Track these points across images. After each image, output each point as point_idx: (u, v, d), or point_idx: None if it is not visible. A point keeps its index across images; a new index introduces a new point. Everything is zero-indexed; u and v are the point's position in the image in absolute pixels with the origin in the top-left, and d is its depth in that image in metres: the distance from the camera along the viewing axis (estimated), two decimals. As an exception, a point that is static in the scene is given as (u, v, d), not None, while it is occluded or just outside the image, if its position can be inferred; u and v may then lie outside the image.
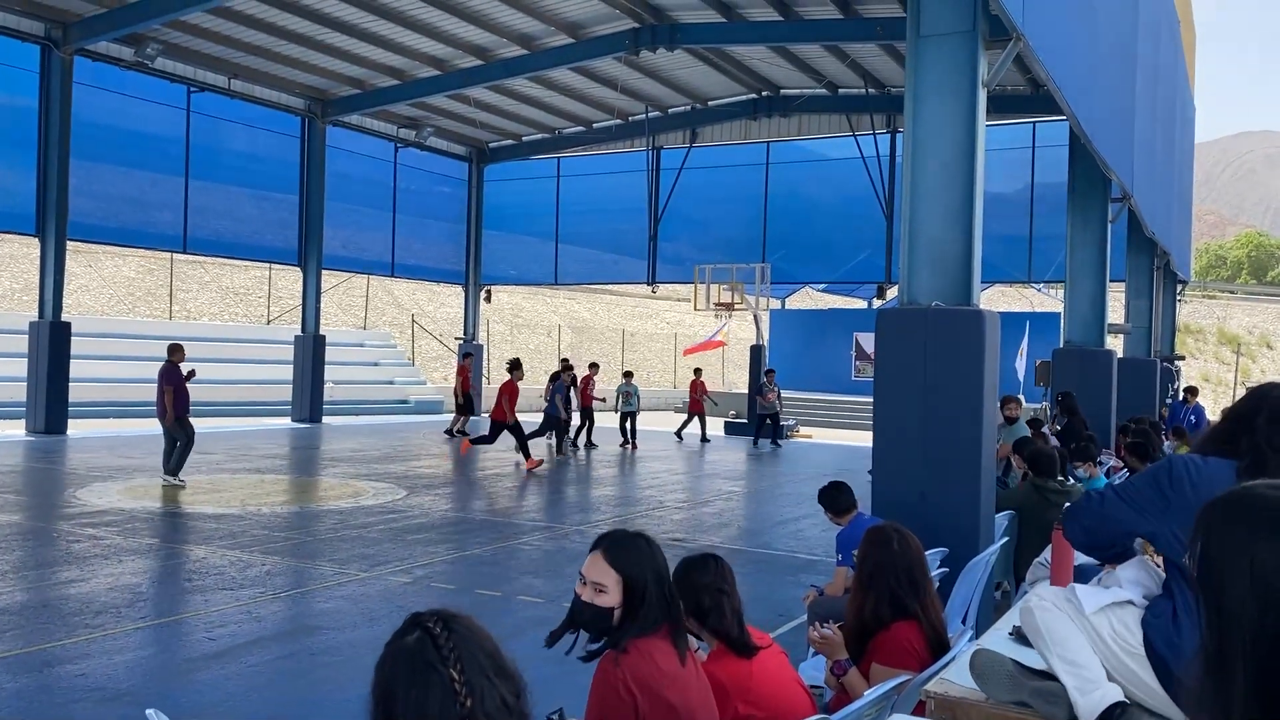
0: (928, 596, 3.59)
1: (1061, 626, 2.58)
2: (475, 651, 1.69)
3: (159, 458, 12.57)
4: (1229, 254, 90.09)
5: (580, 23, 19.91)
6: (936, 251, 6.34)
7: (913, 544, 3.64)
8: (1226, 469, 2.55)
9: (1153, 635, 2.50)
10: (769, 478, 16.73)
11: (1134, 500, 2.64)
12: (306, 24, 19.20)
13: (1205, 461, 2.59)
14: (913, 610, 3.52)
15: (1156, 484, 2.61)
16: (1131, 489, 2.68)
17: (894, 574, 3.53)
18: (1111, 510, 2.70)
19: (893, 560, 3.56)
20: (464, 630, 1.71)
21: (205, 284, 35.42)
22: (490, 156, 28.20)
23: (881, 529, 3.75)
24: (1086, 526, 2.79)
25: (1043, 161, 22.27)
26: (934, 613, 3.57)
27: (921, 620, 3.52)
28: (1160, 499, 2.58)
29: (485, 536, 9.89)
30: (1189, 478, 2.55)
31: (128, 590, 7.16)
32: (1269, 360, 48.79)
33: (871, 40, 18.99)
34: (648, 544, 2.79)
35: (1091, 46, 8.87)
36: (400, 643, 1.71)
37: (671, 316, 49.70)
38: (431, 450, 18.37)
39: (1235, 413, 2.74)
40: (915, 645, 3.50)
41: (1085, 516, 2.80)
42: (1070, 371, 12.36)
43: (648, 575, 2.71)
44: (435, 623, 1.70)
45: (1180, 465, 2.59)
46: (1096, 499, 2.75)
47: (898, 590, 3.53)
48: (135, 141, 20.58)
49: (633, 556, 2.73)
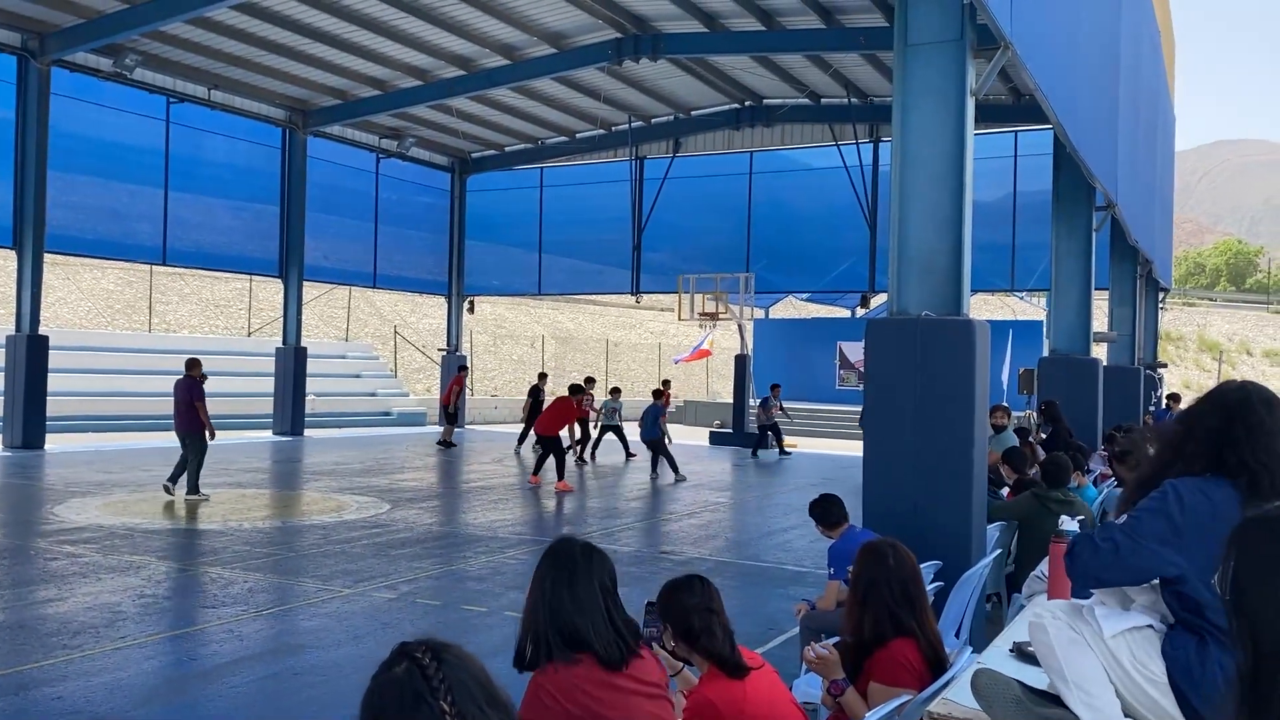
0: (924, 612, 3.54)
1: (1076, 653, 2.50)
2: (466, 681, 1.61)
3: (138, 473, 12.44)
4: (1207, 261, 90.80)
5: (563, 33, 19.88)
6: (926, 261, 6.30)
7: (908, 559, 3.58)
8: (1229, 490, 2.48)
9: (1173, 668, 2.43)
10: (755, 489, 16.67)
11: (1149, 538, 2.48)
12: (287, 34, 19.09)
13: (1208, 483, 2.51)
14: (909, 626, 3.47)
15: (1166, 514, 2.47)
16: (1142, 527, 2.50)
17: (889, 589, 3.48)
18: (1131, 559, 2.50)
19: (888, 576, 3.51)
20: (454, 660, 1.63)
21: (185, 296, 35.15)
22: (473, 167, 28.11)
23: (877, 544, 3.70)
24: (1102, 578, 2.57)
25: (1024, 170, 22.37)
26: (930, 629, 3.52)
27: (919, 637, 3.47)
28: (1173, 531, 2.46)
29: (471, 551, 9.78)
30: (1199, 504, 2.46)
31: (107, 609, 7.02)
32: (1249, 366, 49.11)
33: (854, 50, 19.03)
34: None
35: (1076, 55, 8.88)
36: (388, 674, 1.63)
37: (655, 326, 49.66)
38: (415, 463, 18.23)
39: (1204, 426, 2.60)
40: (913, 662, 3.44)
41: (1102, 567, 2.54)
42: (1057, 380, 12.37)
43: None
44: (424, 653, 1.62)
45: (1188, 491, 2.49)
46: (1108, 547, 2.51)
47: (893, 606, 3.47)
48: (114, 153, 20.40)
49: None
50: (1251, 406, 2.57)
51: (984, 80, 6.33)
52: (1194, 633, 2.45)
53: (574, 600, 2.75)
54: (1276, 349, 50.67)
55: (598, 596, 2.78)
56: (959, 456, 6.09)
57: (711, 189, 25.94)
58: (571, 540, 2.94)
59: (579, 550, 2.87)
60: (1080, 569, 2.58)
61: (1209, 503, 2.46)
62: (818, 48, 19.36)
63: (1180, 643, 2.45)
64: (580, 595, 2.77)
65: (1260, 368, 48.78)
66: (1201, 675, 2.39)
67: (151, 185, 21.05)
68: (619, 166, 26.52)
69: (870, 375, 6.52)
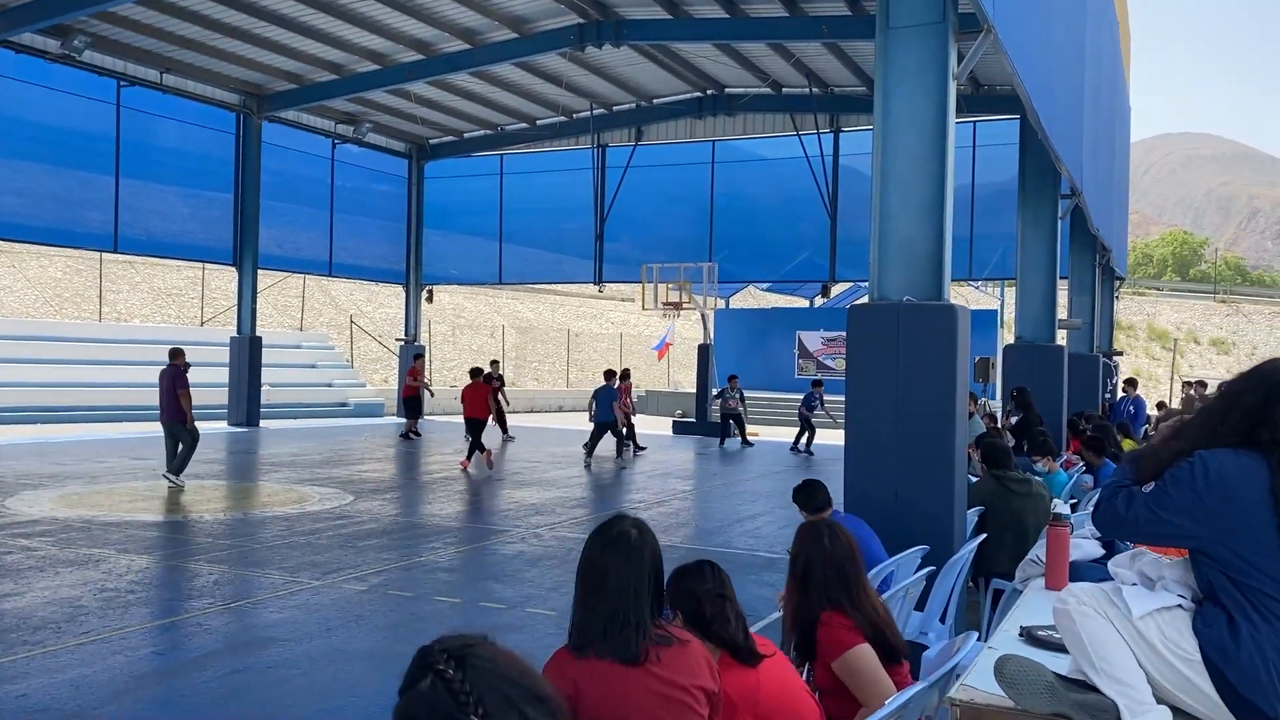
0: (862, 591, 3.48)
1: (1107, 637, 2.45)
2: (498, 684, 1.49)
3: (91, 465, 12.12)
4: (1155, 252, 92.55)
5: (525, 17, 19.66)
6: (907, 246, 6.26)
7: (843, 540, 3.55)
8: (1259, 465, 2.45)
9: (1206, 645, 2.39)
10: (720, 476, 16.66)
11: (1172, 510, 2.48)
12: (242, 17, 18.68)
13: (1239, 456, 2.49)
14: (842, 605, 3.42)
15: (1193, 488, 2.46)
16: (1166, 500, 2.50)
17: (825, 569, 3.46)
18: (1148, 527, 2.54)
19: (824, 556, 3.48)
20: (480, 663, 1.50)
21: (136, 285, 34.43)
22: (431, 153, 27.77)
23: (814, 524, 3.67)
24: (1122, 538, 2.66)
25: (982, 161, 22.51)
26: (869, 606, 3.45)
27: (850, 613, 3.41)
28: (1197, 502, 2.45)
29: (440, 541, 9.64)
30: (1227, 476, 2.44)
31: (67, 604, 6.80)
32: (1197, 355, 50.10)
33: (816, 39, 19.03)
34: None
35: (1049, 42, 8.91)
36: (413, 692, 1.49)
37: (616, 316, 49.53)
38: (375, 454, 17.99)
39: (1245, 402, 2.59)
40: (846, 627, 3.39)
41: (1123, 532, 2.68)
42: (1021, 367, 12.45)
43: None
44: (446, 661, 1.49)
45: (1217, 463, 2.47)
46: (1130, 516, 2.55)
47: (829, 586, 3.44)
48: (62, 138, 19.89)
49: None
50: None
51: (966, 64, 6.30)
52: (1222, 608, 2.42)
53: (597, 588, 2.60)
54: (1223, 338, 51.73)
55: (625, 583, 2.56)
56: (941, 442, 6.07)
57: (674, 178, 25.84)
58: (617, 519, 2.72)
59: (617, 533, 2.66)
60: (1104, 525, 2.72)
61: (1238, 474, 2.45)
62: (780, 36, 19.33)
63: (1211, 618, 2.42)
64: (607, 584, 2.57)
65: (1208, 356, 49.79)
66: (1235, 651, 2.35)
67: (102, 171, 20.56)
68: (581, 154, 26.35)
69: (851, 361, 6.48)
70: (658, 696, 2.48)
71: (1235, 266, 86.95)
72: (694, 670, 2.56)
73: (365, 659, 5.86)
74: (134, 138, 21.01)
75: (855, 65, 20.91)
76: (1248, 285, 73.57)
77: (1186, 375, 34.91)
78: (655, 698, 2.47)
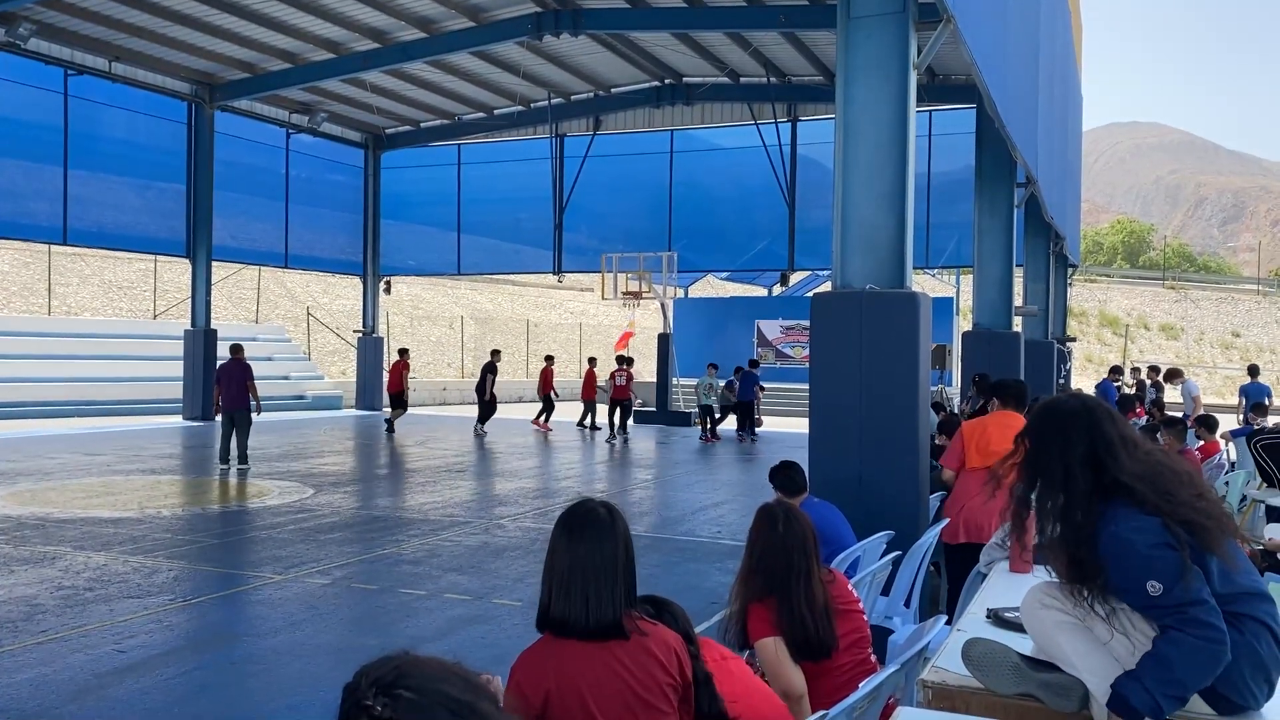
0: (799, 582, 3.35)
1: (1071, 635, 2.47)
2: (432, 707, 1.41)
3: (43, 461, 11.90)
4: (1105, 239, 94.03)
5: (482, 6, 19.51)
6: (869, 235, 6.31)
7: (798, 527, 3.44)
8: (1151, 520, 2.43)
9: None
10: (681, 465, 16.70)
11: (1193, 577, 2.37)
12: (193, 4, 18.34)
13: (1130, 516, 2.43)
14: (773, 596, 3.36)
15: (1178, 558, 2.37)
16: (1195, 588, 2.36)
17: (773, 555, 3.40)
18: (1202, 588, 2.38)
19: (777, 541, 3.41)
20: (409, 692, 1.42)
21: (86, 278, 33.79)
22: (387, 143, 27.50)
23: (770, 508, 3.56)
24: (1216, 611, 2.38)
25: (937, 150, 22.69)
26: (799, 601, 3.32)
27: (781, 603, 3.34)
28: (1184, 563, 2.37)
29: (403, 534, 9.58)
30: (1160, 536, 2.40)
31: (23, 602, 6.68)
32: (1147, 340, 51.01)
33: (774, 29, 19.07)
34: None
35: (1005, 31, 9.00)
36: None
37: (575, 306, 49.41)
38: (335, 447, 17.84)
39: (1074, 455, 2.53)
40: (764, 620, 3.33)
41: (1224, 655, 2.36)
42: (979, 354, 12.60)
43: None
44: (375, 697, 1.41)
45: (1150, 533, 2.40)
46: (1217, 636, 2.32)
47: (771, 574, 3.38)
48: (7, 128, 19.43)
49: None
50: (1097, 419, 2.57)
51: (926, 53, 6.35)
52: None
53: (564, 566, 2.55)
54: (1172, 323, 52.73)
55: (598, 560, 2.54)
56: (904, 427, 6.13)
57: (632, 168, 25.80)
58: (585, 501, 2.71)
59: (585, 511, 2.65)
60: (1217, 657, 2.37)
61: (1159, 530, 2.41)
62: (738, 25, 19.35)
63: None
64: (566, 562, 2.54)
65: (1157, 341, 50.72)
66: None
67: (49, 162, 20.13)
68: (539, 144, 26.21)
69: (815, 348, 6.52)
70: (632, 681, 2.48)
71: (1183, 253, 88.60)
72: (665, 659, 2.56)
73: (330, 653, 5.82)
74: (82, 127, 20.59)
75: (813, 55, 20.99)
76: (1195, 271, 75.05)
77: (1136, 361, 35.56)
78: (630, 681, 2.48)
